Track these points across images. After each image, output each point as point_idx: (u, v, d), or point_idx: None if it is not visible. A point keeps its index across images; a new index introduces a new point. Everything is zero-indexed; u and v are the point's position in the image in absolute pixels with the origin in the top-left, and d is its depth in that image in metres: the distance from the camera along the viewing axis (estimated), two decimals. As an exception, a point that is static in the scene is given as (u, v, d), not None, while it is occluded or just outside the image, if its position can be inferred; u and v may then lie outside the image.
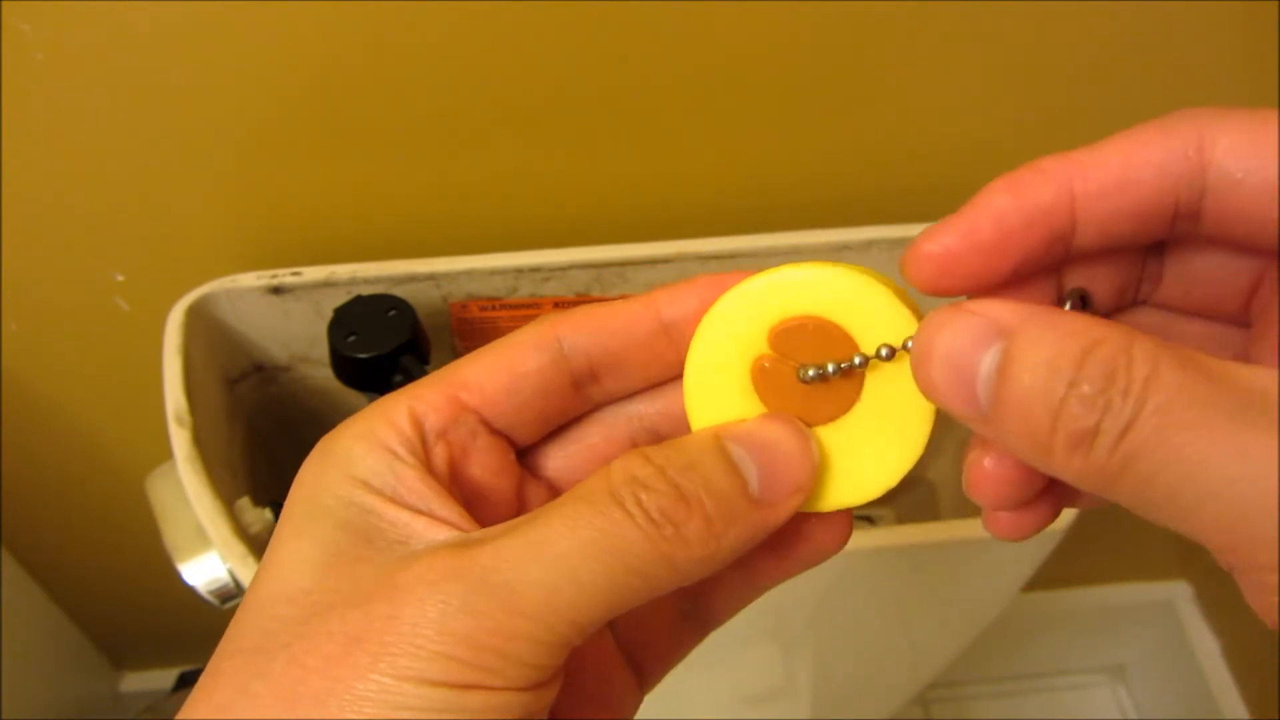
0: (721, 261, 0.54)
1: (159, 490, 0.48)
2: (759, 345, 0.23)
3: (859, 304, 0.22)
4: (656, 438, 0.24)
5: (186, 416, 0.47)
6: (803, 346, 0.22)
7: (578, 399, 0.23)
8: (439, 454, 0.21)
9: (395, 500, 0.20)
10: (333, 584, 0.19)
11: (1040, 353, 0.17)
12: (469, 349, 0.58)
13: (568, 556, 0.18)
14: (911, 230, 0.55)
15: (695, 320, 0.23)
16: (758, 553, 0.22)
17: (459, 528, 0.20)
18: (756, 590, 0.24)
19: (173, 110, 0.52)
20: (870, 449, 0.22)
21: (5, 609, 0.76)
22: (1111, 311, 0.23)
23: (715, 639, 0.26)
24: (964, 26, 0.53)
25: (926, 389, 0.20)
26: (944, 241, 0.20)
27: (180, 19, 0.49)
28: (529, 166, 0.57)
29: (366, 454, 0.21)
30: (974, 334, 0.19)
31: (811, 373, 0.22)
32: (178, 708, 0.19)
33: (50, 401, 0.69)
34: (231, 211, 0.58)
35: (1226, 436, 0.16)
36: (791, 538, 0.23)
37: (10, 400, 0.67)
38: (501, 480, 0.23)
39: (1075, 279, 0.22)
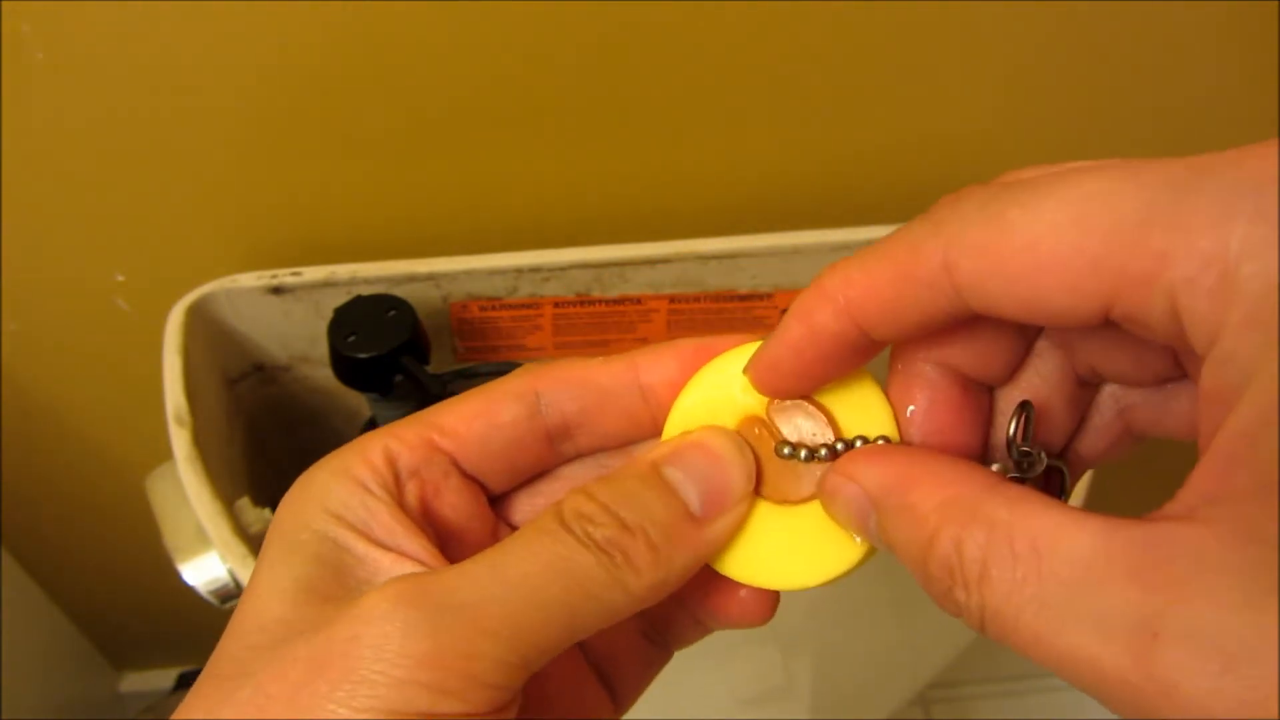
0: (721, 261, 0.54)
1: (159, 490, 0.49)
2: (757, 407, 0.23)
3: (850, 395, 0.22)
4: None
5: (186, 416, 0.47)
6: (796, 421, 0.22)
7: (550, 453, 0.24)
8: (411, 491, 0.22)
9: (367, 535, 0.21)
10: (301, 613, 0.19)
11: (898, 535, 0.19)
12: (469, 349, 0.58)
13: (530, 578, 0.19)
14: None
15: (673, 385, 0.23)
16: (697, 601, 0.23)
17: (425, 564, 0.21)
18: (705, 630, 0.25)
19: (173, 110, 0.52)
20: (809, 542, 0.22)
21: (5, 609, 0.76)
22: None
23: (715, 639, 0.26)
24: (963, 26, 0.54)
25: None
26: (761, 367, 0.22)
27: (180, 19, 0.49)
28: (529, 166, 0.57)
29: (340, 488, 0.21)
30: (855, 506, 0.20)
31: (786, 450, 0.22)
32: (177, 708, 0.19)
33: (50, 401, 0.69)
34: (231, 211, 0.58)
35: (1063, 643, 0.15)
36: (721, 596, 0.23)
37: (10, 400, 0.67)
38: (474, 523, 0.23)
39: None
